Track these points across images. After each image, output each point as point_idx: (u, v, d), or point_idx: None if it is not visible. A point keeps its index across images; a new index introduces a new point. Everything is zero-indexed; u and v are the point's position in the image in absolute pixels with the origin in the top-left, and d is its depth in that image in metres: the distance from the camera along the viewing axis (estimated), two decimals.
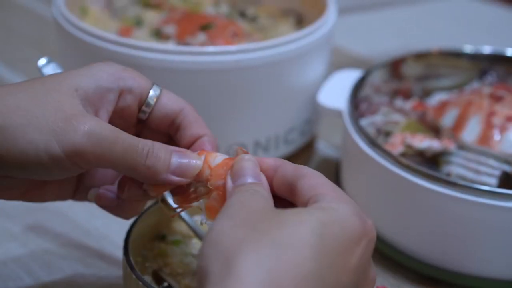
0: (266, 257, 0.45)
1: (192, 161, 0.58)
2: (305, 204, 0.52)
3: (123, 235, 0.66)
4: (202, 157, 0.59)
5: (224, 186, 0.56)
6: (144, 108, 0.62)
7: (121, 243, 0.65)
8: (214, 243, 0.47)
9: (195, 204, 0.59)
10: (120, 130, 0.56)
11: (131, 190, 0.59)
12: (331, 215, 0.49)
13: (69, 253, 0.79)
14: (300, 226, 0.47)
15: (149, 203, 0.70)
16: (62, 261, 0.78)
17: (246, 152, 0.57)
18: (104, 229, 0.83)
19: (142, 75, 0.62)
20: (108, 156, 0.55)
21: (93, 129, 0.54)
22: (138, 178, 0.57)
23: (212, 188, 0.57)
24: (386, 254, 0.81)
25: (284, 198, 0.55)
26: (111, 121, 0.60)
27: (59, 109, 0.55)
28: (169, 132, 0.64)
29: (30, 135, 0.54)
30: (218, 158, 0.59)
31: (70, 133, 0.54)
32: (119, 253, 0.78)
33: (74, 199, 0.64)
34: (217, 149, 0.62)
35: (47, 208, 0.84)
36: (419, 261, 0.79)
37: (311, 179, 0.53)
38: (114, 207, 0.62)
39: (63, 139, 0.54)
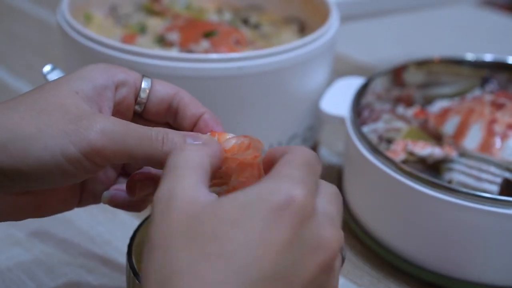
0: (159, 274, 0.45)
1: (204, 138, 0.58)
2: None
3: (126, 241, 0.66)
4: (215, 138, 0.59)
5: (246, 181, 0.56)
6: (139, 99, 0.62)
7: (124, 249, 0.65)
8: (151, 246, 0.47)
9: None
10: (130, 122, 0.56)
11: (142, 190, 0.60)
12: (250, 199, 0.47)
13: (73, 258, 0.79)
14: (213, 243, 0.46)
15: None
16: (66, 266, 0.78)
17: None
18: (108, 235, 0.83)
19: (131, 70, 0.62)
20: (125, 149, 0.55)
21: (105, 126, 0.55)
22: (156, 166, 0.57)
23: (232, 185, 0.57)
24: (387, 260, 0.82)
25: None
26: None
27: (65, 112, 0.55)
28: (168, 121, 0.64)
29: (43, 141, 0.54)
30: (230, 140, 0.59)
31: (83, 133, 0.54)
32: (122, 259, 0.79)
33: (79, 205, 0.65)
34: (221, 125, 0.62)
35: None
36: (420, 268, 0.79)
37: (290, 155, 0.51)
38: (127, 205, 0.62)
39: (77, 140, 0.54)
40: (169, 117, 0.63)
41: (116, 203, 0.62)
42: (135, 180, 0.60)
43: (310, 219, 0.48)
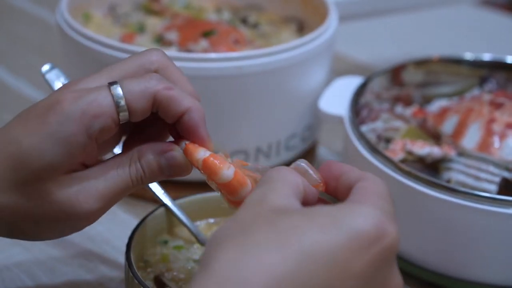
0: (242, 256, 0.45)
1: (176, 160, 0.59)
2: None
3: (125, 240, 0.66)
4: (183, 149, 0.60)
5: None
6: (120, 106, 0.57)
7: (123, 248, 0.66)
8: (209, 240, 0.48)
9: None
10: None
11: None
12: (342, 217, 0.47)
13: (72, 258, 0.79)
14: (292, 230, 0.46)
15: (151, 208, 0.70)
16: (65, 266, 0.78)
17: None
18: (107, 234, 0.83)
19: (98, 90, 0.57)
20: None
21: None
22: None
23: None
24: None
25: None
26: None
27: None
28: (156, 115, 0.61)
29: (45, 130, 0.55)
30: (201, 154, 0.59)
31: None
32: (121, 258, 0.78)
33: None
34: (203, 120, 0.61)
35: None
36: (419, 267, 0.79)
37: (368, 183, 0.52)
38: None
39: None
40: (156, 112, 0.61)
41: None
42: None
43: (392, 261, 0.49)
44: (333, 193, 0.55)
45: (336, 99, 0.89)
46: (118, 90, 0.57)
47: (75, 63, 0.90)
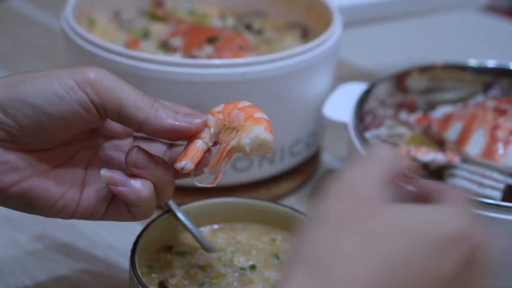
0: (335, 266, 0.46)
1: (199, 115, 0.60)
2: None
3: (129, 245, 0.66)
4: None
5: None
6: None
7: (127, 254, 0.66)
8: (299, 235, 0.49)
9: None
10: None
11: (139, 155, 0.59)
12: (423, 216, 0.48)
13: (76, 263, 0.79)
14: (378, 238, 0.47)
15: (155, 214, 0.70)
16: (69, 270, 0.78)
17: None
18: (110, 240, 0.83)
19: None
20: (115, 89, 0.57)
21: (101, 69, 0.58)
22: (143, 125, 0.58)
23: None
24: None
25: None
26: None
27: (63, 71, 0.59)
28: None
29: (42, 73, 0.58)
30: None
31: (79, 70, 0.58)
32: (125, 263, 0.79)
33: (76, 212, 0.62)
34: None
35: (54, 219, 0.85)
36: None
37: (450, 189, 0.53)
38: (126, 189, 0.60)
39: (73, 72, 0.57)
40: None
41: (114, 181, 0.60)
42: (134, 147, 0.60)
43: (476, 261, 0.49)
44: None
45: (340, 105, 0.89)
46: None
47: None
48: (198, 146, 0.59)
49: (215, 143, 0.61)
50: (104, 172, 0.60)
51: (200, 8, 1.09)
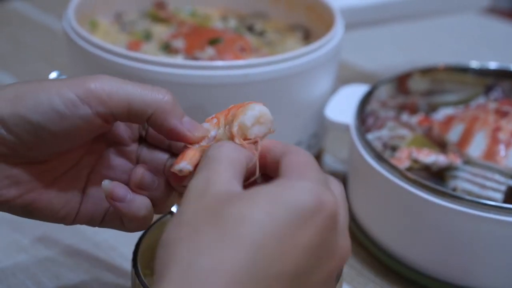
0: (198, 259, 0.46)
1: (202, 126, 0.59)
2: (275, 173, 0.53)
3: (131, 247, 0.66)
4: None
5: None
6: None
7: (129, 255, 0.66)
8: (160, 243, 0.49)
9: None
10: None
11: (145, 176, 0.60)
12: (279, 193, 0.49)
13: (78, 264, 0.80)
14: (240, 221, 0.47)
15: (157, 216, 0.70)
16: (71, 272, 0.78)
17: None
18: (113, 241, 0.83)
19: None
20: (122, 94, 0.56)
21: (103, 76, 0.57)
22: (150, 118, 0.58)
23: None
24: (391, 267, 0.82)
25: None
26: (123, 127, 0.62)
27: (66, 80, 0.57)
28: (169, 142, 0.63)
29: (43, 87, 0.56)
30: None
31: (80, 80, 0.56)
32: (127, 265, 0.79)
33: (76, 218, 0.63)
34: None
35: None
36: (424, 275, 0.79)
37: (294, 156, 0.54)
38: (124, 205, 0.60)
39: (73, 85, 0.56)
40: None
41: (115, 195, 0.60)
42: (140, 166, 0.60)
43: (335, 226, 0.51)
44: (262, 170, 0.56)
45: (342, 107, 0.89)
46: None
47: (81, 70, 0.90)
48: (196, 149, 0.59)
49: None
50: (106, 183, 0.60)
51: (202, 10, 1.09)
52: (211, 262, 0.46)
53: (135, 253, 0.65)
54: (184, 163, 0.58)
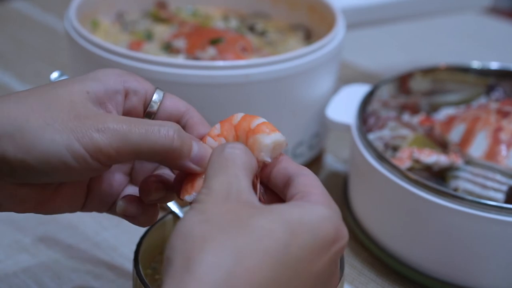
0: (226, 261, 0.47)
1: (209, 150, 0.59)
2: (292, 197, 0.54)
3: (132, 247, 0.66)
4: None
5: None
6: (149, 109, 0.62)
7: (130, 255, 0.66)
8: (181, 235, 0.49)
9: None
10: (136, 118, 0.57)
11: (156, 192, 0.60)
12: (304, 216, 0.50)
13: (79, 264, 0.80)
14: (267, 234, 0.48)
15: (159, 215, 0.70)
16: (72, 272, 0.78)
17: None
18: (114, 241, 0.83)
19: (145, 79, 0.63)
20: (128, 146, 0.55)
21: (107, 125, 0.55)
22: (164, 162, 0.58)
23: None
24: (392, 267, 0.82)
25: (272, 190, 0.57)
26: None
27: (72, 109, 0.56)
28: None
29: (50, 134, 0.54)
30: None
31: (86, 131, 0.55)
32: (128, 265, 0.79)
33: (83, 210, 0.64)
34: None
35: (57, 220, 0.85)
36: (425, 275, 0.79)
37: (308, 178, 0.55)
38: (136, 221, 0.62)
39: (81, 137, 0.55)
40: None
41: (129, 212, 0.61)
42: (150, 181, 0.60)
43: (339, 258, 0.53)
44: (265, 178, 0.57)
45: (343, 107, 0.89)
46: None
47: (83, 70, 0.90)
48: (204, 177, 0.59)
49: None
50: (120, 204, 0.61)
51: (203, 10, 1.09)
52: (235, 266, 0.47)
53: (136, 253, 0.65)
54: (196, 195, 0.58)
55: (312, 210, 0.51)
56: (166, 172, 0.62)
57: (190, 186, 0.58)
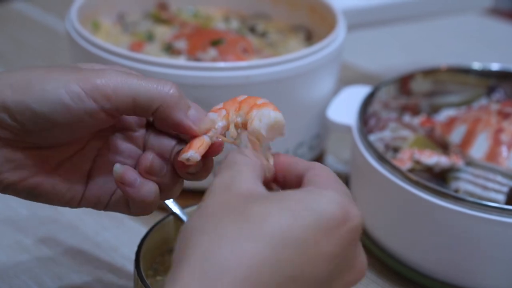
0: (219, 249, 0.46)
1: (207, 116, 0.59)
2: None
3: (133, 247, 0.66)
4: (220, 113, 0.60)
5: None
6: None
7: (131, 256, 0.66)
8: (180, 234, 0.49)
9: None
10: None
11: (155, 161, 0.60)
12: (306, 198, 0.50)
13: (80, 265, 0.80)
14: (264, 218, 0.48)
15: (160, 216, 0.70)
16: (73, 273, 0.78)
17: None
18: (115, 242, 0.83)
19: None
20: (127, 88, 0.57)
21: (107, 71, 0.57)
22: (156, 113, 0.58)
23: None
24: (393, 268, 0.82)
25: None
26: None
27: (77, 66, 0.58)
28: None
29: (49, 77, 0.56)
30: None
31: (86, 74, 0.57)
32: (129, 266, 0.79)
33: (81, 203, 0.62)
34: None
35: (58, 220, 0.85)
36: (426, 276, 0.79)
37: (318, 170, 0.54)
38: (133, 191, 0.60)
39: (80, 79, 0.56)
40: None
41: (126, 179, 0.60)
42: (149, 151, 0.60)
43: (357, 239, 0.51)
44: (281, 183, 0.56)
45: (344, 108, 0.89)
46: None
47: None
48: (203, 139, 0.59)
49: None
50: (117, 167, 0.60)
51: (204, 11, 1.09)
52: (231, 253, 0.46)
53: (138, 254, 0.65)
54: (192, 152, 0.58)
55: (315, 193, 0.50)
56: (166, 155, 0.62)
57: (187, 146, 0.59)
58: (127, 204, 0.62)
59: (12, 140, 0.58)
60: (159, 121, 0.60)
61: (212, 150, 0.60)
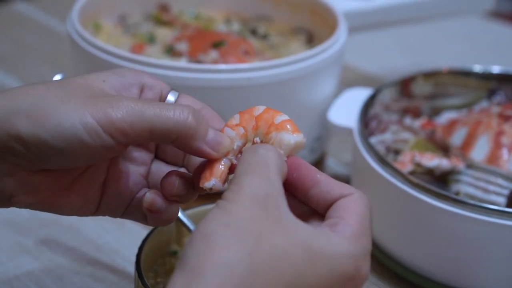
0: (238, 273, 0.47)
1: (225, 137, 0.58)
2: (327, 219, 0.53)
3: (134, 250, 0.66)
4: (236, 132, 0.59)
5: None
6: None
7: (132, 258, 0.66)
8: (202, 235, 0.49)
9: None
10: (151, 100, 0.58)
11: (180, 187, 0.59)
12: (326, 248, 0.50)
13: (81, 267, 0.80)
14: (284, 257, 0.49)
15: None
16: (74, 275, 0.78)
17: None
18: (116, 244, 0.83)
19: (161, 79, 0.63)
20: (143, 121, 0.55)
21: (123, 102, 0.55)
22: (178, 143, 0.57)
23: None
24: (394, 271, 0.82)
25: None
26: None
27: (88, 90, 0.57)
28: None
29: (65, 110, 0.55)
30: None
31: (101, 106, 0.55)
32: (130, 268, 0.79)
33: (97, 212, 0.62)
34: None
35: (59, 222, 0.85)
36: (427, 278, 0.79)
37: (349, 201, 0.55)
38: (159, 216, 0.60)
39: (95, 112, 0.55)
40: None
41: (155, 206, 0.60)
42: (173, 176, 0.60)
43: None
44: (302, 198, 0.56)
45: (345, 110, 0.89)
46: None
47: (85, 72, 0.89)
48: (223, 163, 0.58)
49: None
50: (148, 196, 0.60)
51: (206, 13, 1.09)
52: (246, 281, 0.47)
53: (138, 255, 0.65)
54: (215, 181, 0.57)
55: (335, 244, 0.51)
56: (186, 173, 0.61)
57: (208, 173, 0.58)
58: (145, 215, 0.61)
59: (26, 166, 0.57)
60: (177, 148, 0.59)
61: (230, 170, 0.59)
